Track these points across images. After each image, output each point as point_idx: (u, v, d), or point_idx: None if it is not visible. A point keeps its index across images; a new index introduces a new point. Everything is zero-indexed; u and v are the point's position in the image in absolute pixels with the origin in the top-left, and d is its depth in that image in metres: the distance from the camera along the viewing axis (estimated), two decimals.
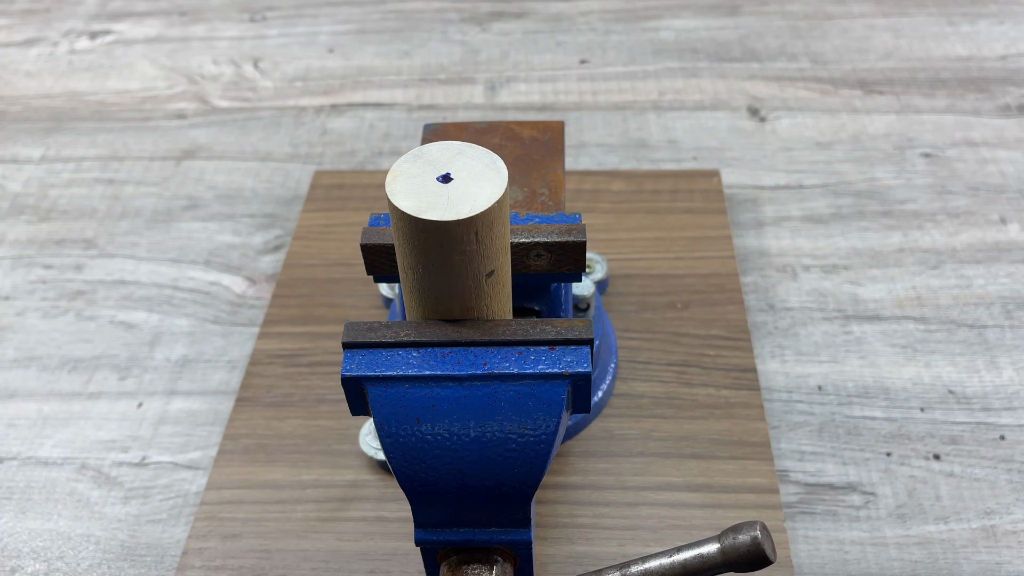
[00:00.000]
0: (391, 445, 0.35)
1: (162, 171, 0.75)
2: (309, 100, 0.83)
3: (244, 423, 0.55)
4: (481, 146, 0.34)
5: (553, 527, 0.49)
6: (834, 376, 0.57)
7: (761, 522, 0.33)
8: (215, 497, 0.52)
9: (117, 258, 0.68)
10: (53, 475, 0.54)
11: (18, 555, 0.51)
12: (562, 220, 0.42)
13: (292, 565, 0.48)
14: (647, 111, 0.79)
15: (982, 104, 0.78)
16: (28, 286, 0.66)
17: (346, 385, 0.35)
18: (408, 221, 0.32)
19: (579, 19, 0.92)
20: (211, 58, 0.88)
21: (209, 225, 0.70)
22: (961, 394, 0.56)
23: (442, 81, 0.84)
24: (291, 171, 0.75)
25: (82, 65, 0.88)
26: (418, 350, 0.35)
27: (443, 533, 0.37)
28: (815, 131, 0.76)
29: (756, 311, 0.61)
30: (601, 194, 0.69)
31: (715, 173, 0.70)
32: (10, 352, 0.61)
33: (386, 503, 0.51)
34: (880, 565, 0.48)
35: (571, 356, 0.35)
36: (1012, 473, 0.52)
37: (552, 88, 0.83)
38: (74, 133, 0.80)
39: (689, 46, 0.87)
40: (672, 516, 0.49)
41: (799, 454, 0.53)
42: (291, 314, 0.61)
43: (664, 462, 0.52)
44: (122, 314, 0.64)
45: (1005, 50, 0.84)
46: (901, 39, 0.86)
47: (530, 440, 0.34)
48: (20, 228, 0.71)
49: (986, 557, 0.48)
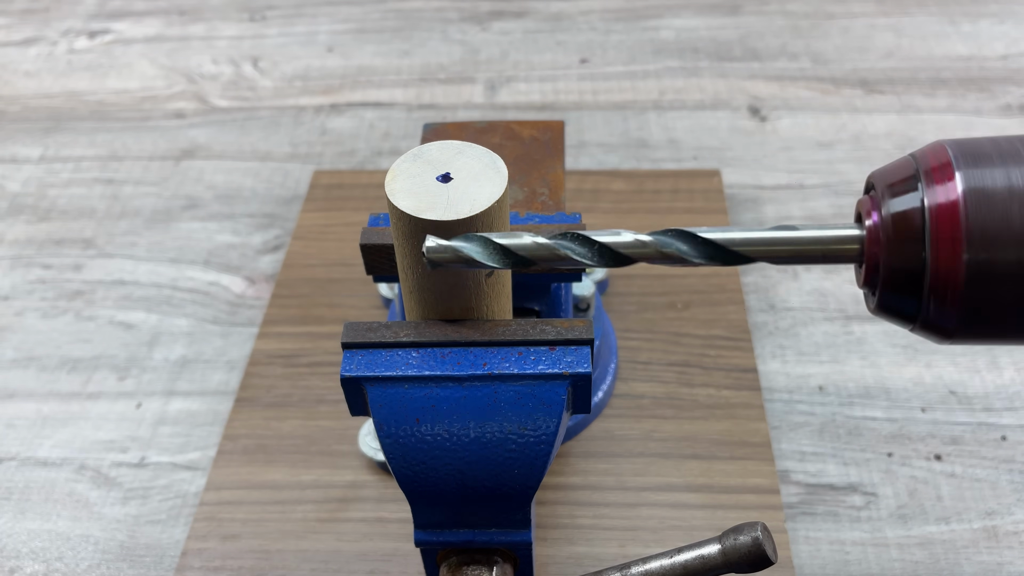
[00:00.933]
0: (391, 446, 0.34)
1: (161, 171, 0.75)
2: (308, 100, 0.82)
3: (243, 423, 0.55)
4: (481, 146, 0.34)
5: (553, 528, 0.49)
6: (835, 376, 0.57)
7: (762, 523, 0.33)
8: (214, 498, 0.52)
9: (116, 258, 0.68)
10: (52, 475, 0.54)
11: (17, 556, 0.51)
12: (562, 220, 0.42)
13: (291, 566, 0.48)
14: (647, 111, 0.79)
15: (983, 104, 0.78)
16: (27, 286, 0.66)
17: (345, 385, 0.35)
18: (408, 221, 0.32)
19: (579, 18, 0.91)
20: (210, 57, 0.88)
21: (208, 225, 0.70)
22: (962, 394, 0.56)
23: (442, 80, 0.84)
24: (290, 171, 0.75)
25: (81, 65, 0.88)
26: (418, 350, 0.35)
27: (443, 534, 0.37)
28: (816, 131, 0.76)
29: (757, 311, 0.61)
30: (601, 194, 0.69)
31: (716, 173, 0.70)
32: (9, 352, 0.61)
33: (385, 504, 0.51)
34: (881, 566, 0.48)
35: (571, 356, 0.35)
36: (1013, 473, 0.51)
37: (552, 87, 0.82)
38: (73, 133, 0.80)
39: (690, 45, 0.87)
40: (673, 517, 0.49)
41: (800, 454, 0.53)
42: (290, 314, 0.61)
43: (664, 463, 0.52)
44: (121, 314, 0.63)
45: (1006, 50, 0.84)
46: (902, 38, 0.86)
47: (530, 440, 0.34)
48: (19, 228, 0.71)
49: (987, 558, 0.48)
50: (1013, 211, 0.26)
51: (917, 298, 0.28)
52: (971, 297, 0.27)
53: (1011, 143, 0.28)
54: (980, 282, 0.27)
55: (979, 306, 0.27)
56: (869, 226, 0.29)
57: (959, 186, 0.27)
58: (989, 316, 0.28)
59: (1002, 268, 0.27)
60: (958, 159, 0.28)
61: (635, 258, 0.30)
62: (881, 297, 0.29)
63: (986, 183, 0.27)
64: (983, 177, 0.27)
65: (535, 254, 0.30)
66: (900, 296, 0.29)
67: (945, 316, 0.28)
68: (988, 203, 0.27)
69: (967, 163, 0.28)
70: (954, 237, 0.27)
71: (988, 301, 0.27)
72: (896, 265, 0.28)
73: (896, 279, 0.28)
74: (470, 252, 0.30)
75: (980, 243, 0.27)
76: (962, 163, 0.28)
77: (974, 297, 0.27)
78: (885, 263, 0.28)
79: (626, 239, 0.30)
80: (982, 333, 0.28)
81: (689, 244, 0.29)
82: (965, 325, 0.28)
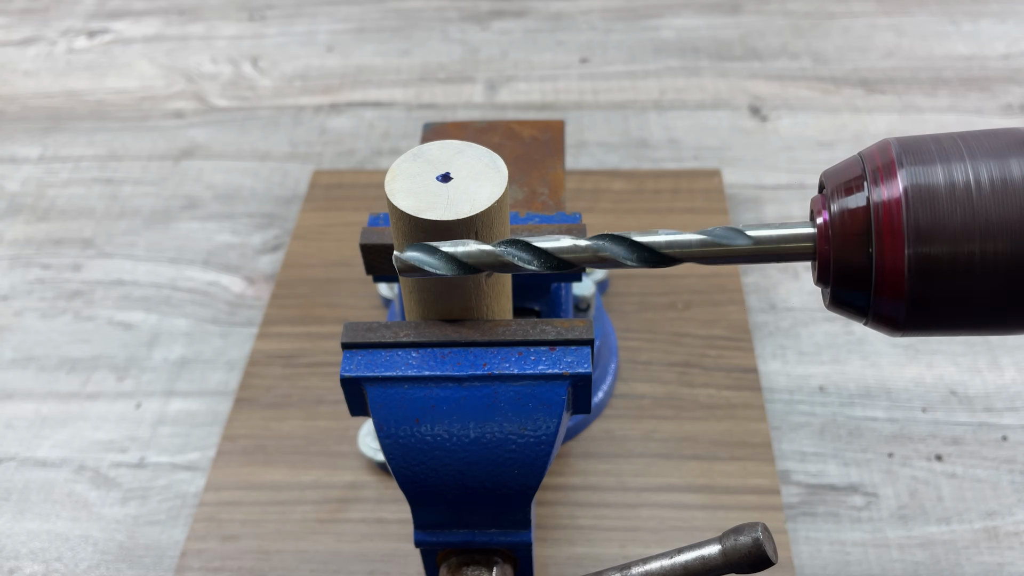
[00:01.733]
0: (390, 446, 0.34)
1: (160, 171, 0.75)
2: (308, 99, 0.82)
3: (243, 424, 0.55)
4: (481, 145, 0.34)
5: (553, 528, 0.49)
6: (836, 376, 0.57)
7: (763, 523, 0.33)
8: (214, 498, 0.51)
9: (115, 258, 0.68)
10: (51, 476, 0.54)
11: (16, 556, 0.50)
12: (562, 220, 0.42)
13: (291, 566, 0.48)
14: (648, 110, 0.79)
15: (984, 103, 0.78)
16: (26, 286, 0.66)
17: (345, 386, 0.35)
18: (408, 220, 0.32)
19: (579, 18, 0.91)
20: (210, 57, 0.88)
21: (207, 225, 0.70)
22: (963, 394, 0.55)
23: (442, 80, 0.84)
24: (290, 170, 0.75)
25: (80, 64, 0.88)
26: (418, 350, 0.35)
27: (443, 534, 0.37)
28: (817, 130, 0.76)
29: (757, 311, 0.61)
30: (602, 193, 0.69)
31: (716, 172, 0.70)
32: (8, 352, 0.61)
33: (385, 504, 0.51)
34: (882, 566, 0.48)
35: (571, 356, 0.35)
36: (1014, 474, 0.51)
37: (552, 87, 0.82)
38: (72, 132, 0.80)
39: (690, 45, 0.87)
40: (673, 517, 0.49)
41: (800, 455, 0.53)
42: (290, 314, 0.61)
43: (665, 463, 0.52)
44: (120, 314, 0.63)
45: (1007, 49, 0.84)
46: (903, 38, 0.86)
47: (530, 441, 0.34)
48: (18, 228, 0.71)
49: (988, 558, 0.48)
50: (953, 206, 0.27)
51: (867, 293, 0.29)
52: (916, 290, 0.28)
53: (952, 140, 0.29)
54: (923, 275, 0.28)
55: (924, 298, 0.28)
56: (820, 224, 0.30)
57: (901, 183, 0.28)
58: (935, 308, 0.29)
59: (944, 261, 0.28)
60: (901, 157, 0.29)
61: (575, 262, 0.31)
62: (833, 293, 0.30)
63: (928, 180, 0.28)
64: (925, 174, 0.28)
65: (480, 261, 0.31)
66: (850, 291, 0.30)
67: (894, 309, 0.29)
68: (930, 199, 0.28)
69: (910, 160, 0.29)
70: (896, 232, 0.28)
71: (933, 293, 0.28)
72: (845, 261, 0.29)
73: (846, 275, 0.29)
74: (420, 263, 0.31)
75: (922, 238, 0.28)
76: (905, 161, 0.29)
77: (919, 290, 0.28)
78: (835, 259, 0.29)
79: (564, 244, 0.31)
80: (930, 324, 0.29)
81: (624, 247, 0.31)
82: (913, 317, 0.29)
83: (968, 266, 0.27)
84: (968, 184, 0.28)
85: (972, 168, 0.28)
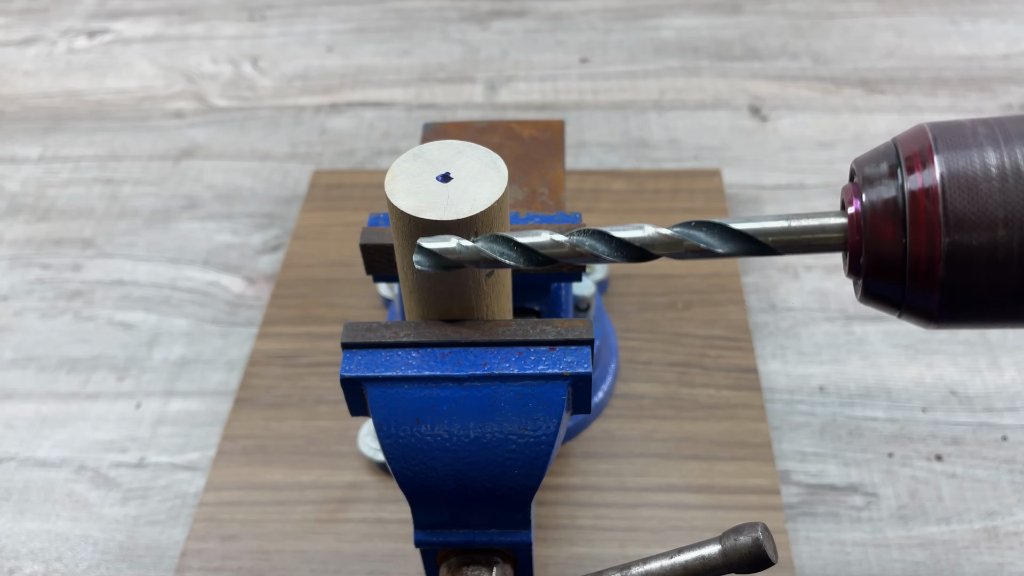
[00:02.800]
0: (390, 446, 0.34)
1: (160, 171, 0.75)
2: (308, 99, 0.82)
3: (243, 424, 0.55)
4: (481, 145, 0.34)
5: (553, 528, 0.49)
6: (836, 376, 0.57)
7: (763, 523, 0.33)
8: (214, 498, 0.51)
9: (115, 258, 0.68)
10: (51, 476, 0.54)
11: (16, 556, 0.50)
12: (562, 220, 0.42)
13: (291, 566, 0.48)
14: (648, 110, 0.79)
15: (984, 103, 0.78)
16: (26, 286, 0.66)
17: (345, 386, 0.35)
18: (408, 220, 0.32)
19: (579, 18, 0.91)
20: (210, 57, 0.88)
21: (207, 225, 0.70)
22: (963, 394, 0.55)
23: (442, 80, 0.84)
24: (290, 170, 0.75)
25: (80, 64, 0.88)
26: (418, 350, 0.35)
27: (443, 534, 0.37)
28: (817, 130, 0.76)
29: (757, 311, 0.61)
30: (602, 194, 0.69)
31: (716, 172, 0.70)
32: (8, 352, 0.61)
33: (385, 504, 0.51)
34: (882, 566, 0.48)
35: (571, 356, 0.35)
36: (1014, 474, 0.51)
37: (552, 87, 0.82)
38: (72, 132, 0.80)
39: (690, 45, 0.87)
40: (673, 517, 0.49)
41: (800, 455, 0.53)
42: (290, 314, 0.61)
43: (665, 463, 0.52)
44: (120, 314, 0.63)
45: (1007, 49, 0.84)
46: (903, 38, 0.86)
47: (530, 441, 0.34)
48: (18, 228, 0.71)
49: (988, 558, 0.48)
50: (991, 193, 0.26)
51: (900, 284, 0.28)
52: (952, 280, 0.27)
53: (988, 125, 0.28)
54: (960, 265, 0.27)
55: (960, 289, 0.27)
56: (851, 214, 0.29)
57: (937, 170, 0.27)
58: (971, 298, 0.28)
59: (982, 251, 0.27)
60: (937, 142, 0.28)
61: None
62: (865, 284, 0.29)
63: (964, 166, 0.27)
64: (962, 160, 0.27)
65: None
66: (884, 282, 0.29)
67: (928, 300, 0.28)
68: (968, 186, 0.27)
69: (946, 146, 0.28)
70: (933, 220, 0.27)
71: (969, 283, 0.27)
72: (878, 251, 0.28)
73: (879, 265, 0.28)
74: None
75: (959, 226, 0.27)
76: (941, 146, 0.28)
77: (955, 280, 0.27)
78: (868, 250, 0.28)
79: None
80: (966, 316, 0.28)
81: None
82: (947, 309, 0.28)
83: (1007, 256, 0.26)
84: (1004, 170, 0.26)
85: (1008, 154, 0.27)
